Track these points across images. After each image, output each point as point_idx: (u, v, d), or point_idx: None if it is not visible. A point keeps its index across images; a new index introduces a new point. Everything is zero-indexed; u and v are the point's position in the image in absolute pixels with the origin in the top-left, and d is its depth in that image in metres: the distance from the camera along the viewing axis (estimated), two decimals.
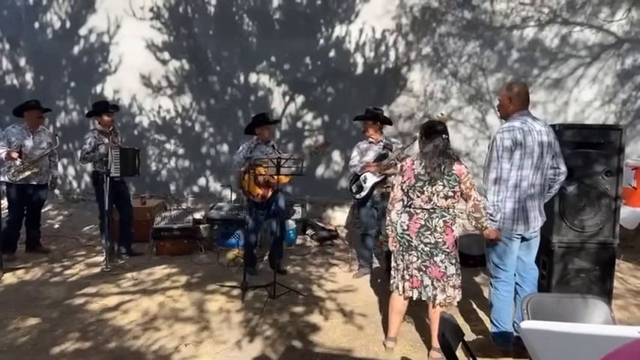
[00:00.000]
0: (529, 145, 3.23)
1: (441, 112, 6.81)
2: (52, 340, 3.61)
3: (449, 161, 3.23)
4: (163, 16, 7.68)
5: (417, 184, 3.25)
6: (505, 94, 3.41)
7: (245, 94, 7.59)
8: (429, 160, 3.23)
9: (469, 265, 5.46)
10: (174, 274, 5.19)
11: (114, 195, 5.43)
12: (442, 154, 3.23)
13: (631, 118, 6.37)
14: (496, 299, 3.42)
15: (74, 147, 8.29)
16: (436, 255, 3.26)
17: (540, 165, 3.30)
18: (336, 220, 7.27)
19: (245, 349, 3.56)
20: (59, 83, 8.24)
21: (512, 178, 3.27)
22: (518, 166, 3.25)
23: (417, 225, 3.28)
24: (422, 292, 3.31)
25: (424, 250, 3.27)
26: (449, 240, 3.26)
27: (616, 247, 3.96)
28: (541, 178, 3.34)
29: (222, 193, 7.64)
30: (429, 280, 3.29)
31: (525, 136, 3.23)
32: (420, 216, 3.28)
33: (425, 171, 3.23)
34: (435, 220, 3.25)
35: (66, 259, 5.63)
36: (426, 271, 3.29)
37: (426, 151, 3.28)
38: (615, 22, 6.25)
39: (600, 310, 2.41)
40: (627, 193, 5.27)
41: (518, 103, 3.35)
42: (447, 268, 3.27)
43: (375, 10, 6.90)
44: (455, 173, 3.21)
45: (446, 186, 3.21)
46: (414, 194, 3.28)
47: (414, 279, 3.32)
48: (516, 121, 3.30)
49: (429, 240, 3.25)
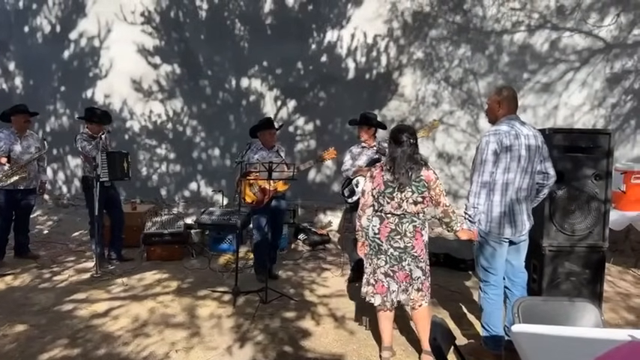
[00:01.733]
0: (516, 149, 3.23)
1: (434, 118, 6.84)
2: (40, 347, 3.56)
3: (417, 167, 3.24)
4: (154, 21, 7.65)
5: (387, 191, 3.27)
6: (494, 98, 3.42)
7: (237, 99, 7.57)
8: (397, 166, 3.24)
9: (460, 269, 5.47)
10: (164, 279, 5.16)
11: (104, 200, 5.39)
12: (410, 159, 3.24)
13: (620, 122, 6.43)
14: (486, 303, 3.41)
15: (64, 152, 8.23)
16: (404, 260, 3.28)
17: (528, 169, 3.29)
18: (328, 225, 7.26)
19: (236, 355, 3.54)
20: (49, 87, 8.18)
21: (498, 181, 3.27)
22: (504, 170, 3.25)
23: (388, 229, 3.29)
24: (386, 298, 3.31)
25: (393, 255, 3.29)
26: (418, 244, 3.28)
27: (606, 250, 3.99)
28: (528, 182, 3.33)
29: (214, 197, 7.61)
30: (395, 285, 3.30)
31: (512, 139, 3.23)
32: (390, 220, 3.29)
33: (393, 177, 3.24)
34: (405, 225, 3.27)
35: (55, 264, 5.57)
36: (394, 276, 3.30)
37: (394, 156, 3.28)
38: (604, 27, 6.32)
39: (590, 313, 2.42)
40: (616, 197, 5.31)
41: (506, 107, 3.37)
42: (413, 271, 3.28)
43: (367, 15, 6.93)
44: (423, 179, 3.24)
45: (415, 192, 3.23)
46: (384, 200, 3.28)
47: (379, 284, 3.33)
48: (504, 125, 3.31)
49: (398, 244, 3.28)
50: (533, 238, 4.01)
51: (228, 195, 6.51)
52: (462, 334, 3.84)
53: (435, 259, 5.65)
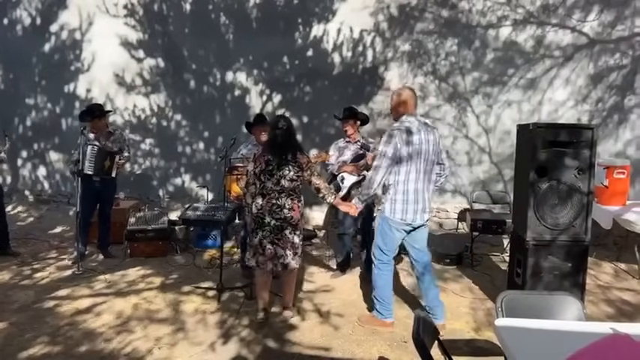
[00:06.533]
0: (417, 142, 3.62)
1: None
2: (20, 345, 3.50)
3: (292, 151, 3.83)
4: (138, 13, 7.53)
5: (268, 169, 3.82)
6: (396, 98, 3.80)
7: (221, 93, 7.50)
8: (275, 148, 3.83)
9: (445, 263, 5.49)
10: (148, 275, 5.10)
11: (95, 194, 5.37)
12: (287, 142, 3.84)
13: (603, 117, 6.49)
14: (380, 279, 3.83)
15: (45, 147, 8.08)
16: (285, 228, 3.85)
17: (428, 160, 3.70)
18: (314, 220, 7.24)
19: (220, 351, 3.51)
20: (29, 81, 8.01)
21: (401, 172, 3.64)
22: (406, 162, 3.63)
23: (269, 204, 3.82)
24: (277, 262, 3.87)
25: (275, 226, 3.83)
26: (295, 215, 3.87)
27: (588, 243, 4.03)
28: (427, 173, 3.74)
29: (199, 192, 7.54)
30: (282, 250, 3.86)
31: (413, 134, 3.62)
32: (271, 196, 3.82)
33: (273, 157, 3.81)
34: (284, 199, 3.83)
35: (36, 261, 5.47)
36: (278, 243, 3.85)
37: (274, 139, 3.87)
38: (588, 23, 6.36)
39: (573, 306, 2.44)
40: (599, 192, 5.37)
41: (407, 106, 3.75)
42: (292, 238, 3.89)
43: (353, 8, 6.89)
44: (299, 161, 3.84)
45: (291, 171, 3.82)
46: (265, 177, 3.82)
47: (268, 251, 3.85)
48: (406, 122, 3.68)
49: (279, 216, 3.82)
50: (517, 231, 4.05)
51: (212, 190, 6.45)
52: (446, 329, 3.85)
53: None
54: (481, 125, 6.76)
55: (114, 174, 5.47)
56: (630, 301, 4.49)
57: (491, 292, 4.59)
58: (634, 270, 5.23)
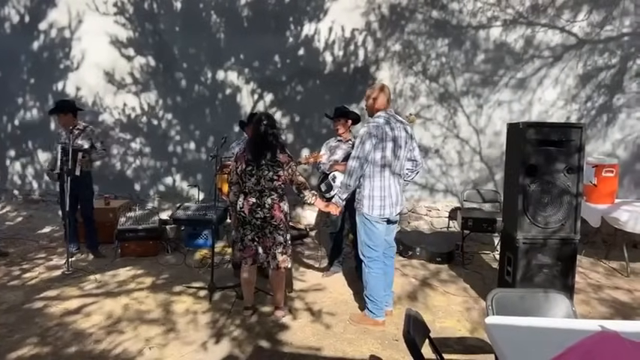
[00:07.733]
0: (391, 138, 3.71)
1: (410, 112, 6.87)
2: (8, 346, 3.47)
3: (272, 150, 3.78)
4: (128, 12, 7.47)
5: (248, 169, 3.79)
6: (370, 94, 3.88)
7: (212, 92, 7.47)
8: (255, 147, 3.80)
9: (437, 261, 5.52)
10: (139, 275, 5.07)
11: (72, 194, 5.28)
12: (265, 142, 3.78)
13: (592, 117, 6.55)
14: (371, 277, 3.85)
15: (33, 146, 8.00)
16: (266, 228, 3.85)
17: (400, 156, 3.80)
18: (306, 220, 7.24)
19: (212, 350, 3.50)
20: (18, 80, 7.93)
21: (377, 168, 3.72)
22: (381, 157, 3.70)
23: (250, 203, 3.82)
24: (257, 259, 3.91)
25: (256, 224, 3.84)
26: (277, 215, 3.85)
27: (577, 242, 4.07)
28: (401, 168, 3.86)
29: (190, 192, 7.51)
30: (262, 249, 3.88)
31: (387, 130, 3.71)
32: (252, 195, 3.82)
33: (252, 157, 3.78)
34: (265, 198, 3.81)
35: (25, 261, 5.43)
36: (259, 241, 3.88)
37: (254, 139, 3.84)
38: (577, 23, 6.41)
39: (562, 304, 2.46)
40: (588, 191, 5.42)
41: (381, 102, 3.84)
42: (276, 238, 3.87)
43: (344, 8, 6.89)
44: (279, 160, 3.80)
45: (270, 170, 3.78)
46: (246, 177, 3.80)
47: (248, 249, 3.90)
48: (381, 118, 3.78)
49: (259, 215, 3.82)
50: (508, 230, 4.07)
51: (204, 189, 6.43)
52: (437, 327, 3.88)
53: (411, 252, 5.69)
54: (472, 125, 6.80)
55: (77, 172, 5.22)
56: (619, 299, 4.54)
57: (482, 290, 4.62)
58: (623, 268, 5.28)
